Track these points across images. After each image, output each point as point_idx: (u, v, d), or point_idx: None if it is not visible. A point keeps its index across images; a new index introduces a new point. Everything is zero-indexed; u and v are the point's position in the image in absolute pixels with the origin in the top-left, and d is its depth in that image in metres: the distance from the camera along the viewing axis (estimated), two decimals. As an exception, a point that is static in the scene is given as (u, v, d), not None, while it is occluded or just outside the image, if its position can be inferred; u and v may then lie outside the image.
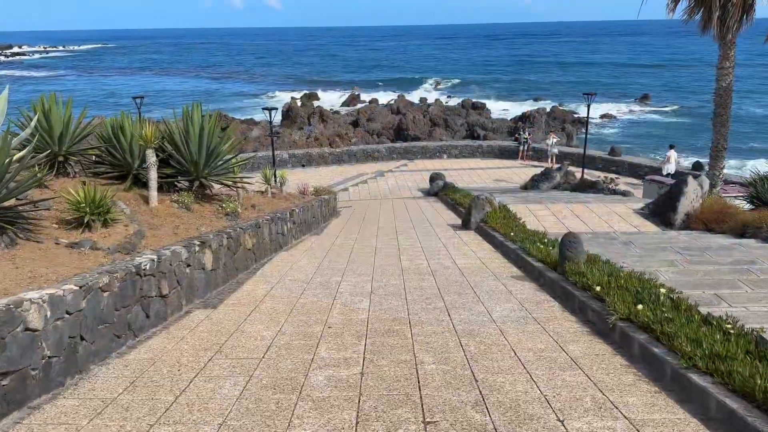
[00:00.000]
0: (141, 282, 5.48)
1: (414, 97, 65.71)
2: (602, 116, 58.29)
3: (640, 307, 5.06)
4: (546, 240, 8.93)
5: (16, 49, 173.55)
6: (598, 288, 5.88)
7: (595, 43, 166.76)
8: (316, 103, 58.21)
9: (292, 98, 60.80)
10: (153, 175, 8.59)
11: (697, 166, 23.27)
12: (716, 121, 16.26)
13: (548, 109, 50.91)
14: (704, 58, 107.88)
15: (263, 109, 20.95)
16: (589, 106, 22.77)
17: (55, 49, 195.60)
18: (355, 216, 16.75)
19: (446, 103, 60.14)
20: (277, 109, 20.85)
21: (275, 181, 16.81)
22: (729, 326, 4.53)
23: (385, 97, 66.30)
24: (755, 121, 52.48)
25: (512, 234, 9.87)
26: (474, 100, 57.35)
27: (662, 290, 5.50)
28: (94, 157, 10.12)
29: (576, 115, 50.88)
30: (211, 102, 68.14)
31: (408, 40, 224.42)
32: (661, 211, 11.71)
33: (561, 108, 53.76)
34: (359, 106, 59.29)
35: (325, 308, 6.36)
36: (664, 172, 22.51)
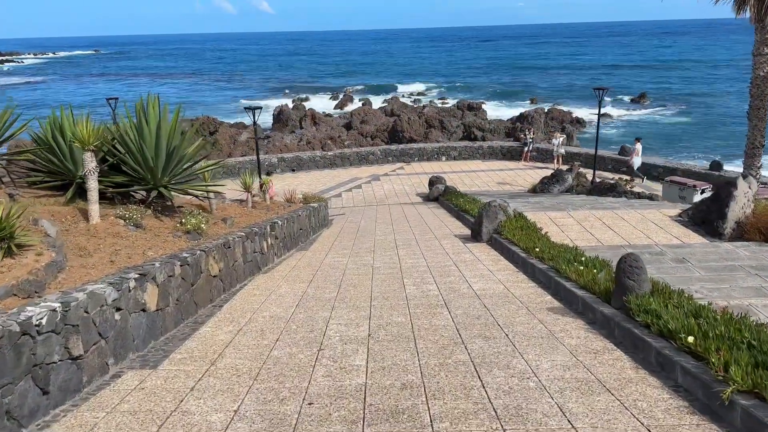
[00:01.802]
0: (32, 345, 3.74)
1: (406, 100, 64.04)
2: (600, 116, 56.71)
3: (777, 378, 3.35)
4: (584, 259, 7.22)
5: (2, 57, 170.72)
6: (690, 339, 4.18)
7: (586, 44, 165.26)
8: (307, 106, 56.52)
9: (285, 102, 59.20)
10: (93, 185, 6.85)
11: (715, 166, 21.65)
12: (752, 114, 14.61)
13: (546, 110, 49.35)
14: (693, 57, 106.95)
15: (245, 108, 19.17)
16: (600, 103, 21.12)
17: (44, 55, 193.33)
18: (349, 226, 15.03)
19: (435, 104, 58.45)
20: (261, 108, 19.11)
21: (260, 188, 15.09)
22: None
23: (375, 101, 64.57)
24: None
25: (537, 249, 8.16)
26: (469, 101, 55.73)
27: (796, 346, 3.79)
28: (29, 163, 8.42)
29: (574, 115, 49.41)
30: (200, 107, 66.36)
31: (401, 43, 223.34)
32: (706, 218, 10.04)
33: (558, 108, 52.22)
34: (351, 108, 57.59)
35: (305, 366, 4.63)
36: (635, 167, 22.63)
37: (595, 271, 6.45)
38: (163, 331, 5.49)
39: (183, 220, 7.44)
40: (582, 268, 6.73)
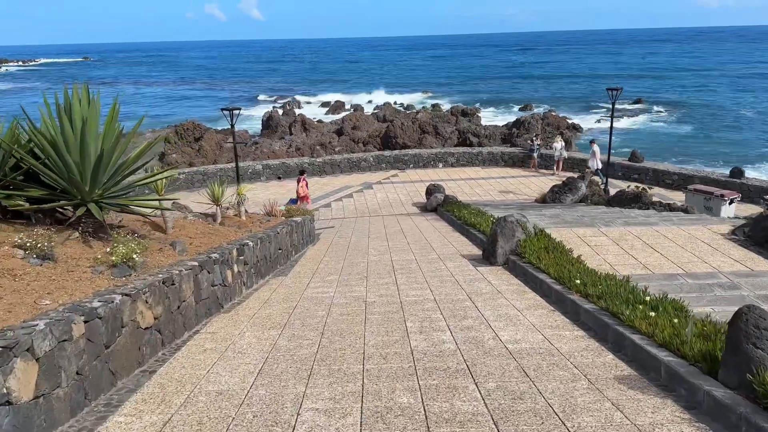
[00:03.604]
0: None
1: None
2: (597, 122, 55.39)
3: None
4: (649, 299, 5.40)
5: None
6: None
7: (577, 52, 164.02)
8: (298, 111, 54.76)
9: (274, 107, 57.55)
10: (-19, 203, 4.99)
11: (736, 173, 19.99)
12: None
13: (542, 115, 47.76)
14: (683, 65, 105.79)
15: (222, 110, 17.27)
16: (614, 104, 19.38)
17: (31, 62, 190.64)
18: (338, 242, 13.16)
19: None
20: (239, 110, 17.24)
21: (235, 200, 13.20)
22: None
23: (367, 108, 62.68)
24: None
25: (578, 282, 6.34)
26: (463, 107, 54.10)
27: None
28: None
29: (570, 121, 47.93)
30: (187, 112, 64.43)
31: (389, 51, 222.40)
32: (770, 236, 8.27)
33: (553, 114, 50.63)
34: (343, 114, 55.83)
35: None
36: (593, 168, 22.13)
37: (676, 321, 4.63)
38: (47, 429, 3.60)
39: (109, 249, 5.55)
40: (653, 314, 4.91)
